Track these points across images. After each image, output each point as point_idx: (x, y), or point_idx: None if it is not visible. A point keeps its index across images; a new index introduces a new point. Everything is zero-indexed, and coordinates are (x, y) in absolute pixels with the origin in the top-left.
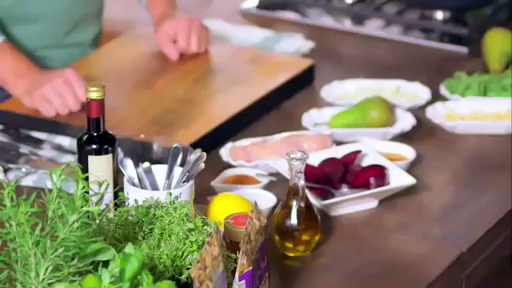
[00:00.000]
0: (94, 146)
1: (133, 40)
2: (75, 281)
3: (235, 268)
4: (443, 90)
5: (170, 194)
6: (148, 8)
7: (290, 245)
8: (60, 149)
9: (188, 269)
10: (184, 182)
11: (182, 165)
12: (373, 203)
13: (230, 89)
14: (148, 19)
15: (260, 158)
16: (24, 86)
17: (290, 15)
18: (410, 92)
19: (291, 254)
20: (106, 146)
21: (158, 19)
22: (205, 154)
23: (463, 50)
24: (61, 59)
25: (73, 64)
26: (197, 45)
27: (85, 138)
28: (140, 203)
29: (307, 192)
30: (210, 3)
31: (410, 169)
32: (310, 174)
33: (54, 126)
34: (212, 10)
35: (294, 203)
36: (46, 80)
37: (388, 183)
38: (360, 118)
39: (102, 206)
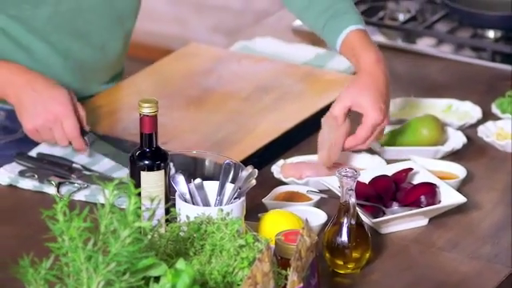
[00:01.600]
0: (147, 162)
1: (186, 56)
2: None
3: (285, 285)
4: (494, 108)
5: (222, 210)
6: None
7: (340, 262)
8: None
9: (239, 285)
10: (235, 198)
11: (233, 181)
12: (423, 221)
13: (282, 106)
14: (199, 35)
15: (311, 176)
16: (13, 96)
17: None
18: (461, 111)
19: (341, 271)
20: (158, 162)
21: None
22: (256, 170)
23: None
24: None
25: (126, 80)
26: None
27: (137, 154)
28: (191, 219)
29: (358, 209)
30: (262, 21)
31: (461, 187)
32: (361, 191)
33: (106, 141)
34: (264, 28)
35: (345, 220)
36: (38, 110)
37: (439, 201)
38: (411, 136)
39: (154, 222)
